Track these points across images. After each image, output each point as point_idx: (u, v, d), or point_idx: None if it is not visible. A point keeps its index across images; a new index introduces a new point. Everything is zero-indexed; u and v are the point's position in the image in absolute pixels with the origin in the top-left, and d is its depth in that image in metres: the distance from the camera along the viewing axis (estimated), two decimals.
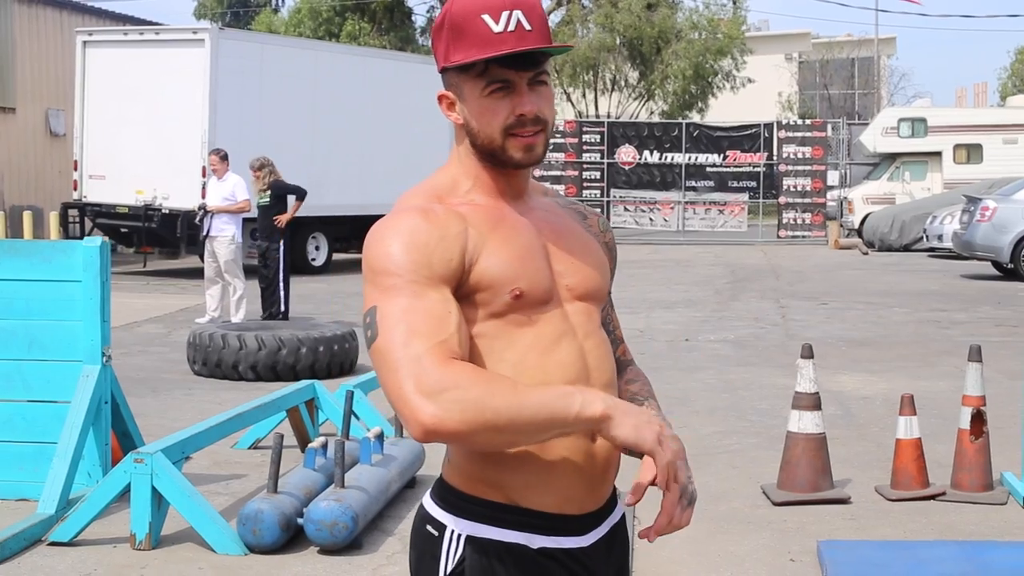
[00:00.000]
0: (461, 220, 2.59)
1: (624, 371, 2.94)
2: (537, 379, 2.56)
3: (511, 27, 2.56)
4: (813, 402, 8.15)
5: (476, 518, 2.60)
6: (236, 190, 16.91)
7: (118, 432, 8.39)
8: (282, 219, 16.47)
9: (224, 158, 17.20)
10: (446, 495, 2.66)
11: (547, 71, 2.65)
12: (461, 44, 2.58)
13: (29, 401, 8.17)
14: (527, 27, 2.57)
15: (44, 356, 8.13)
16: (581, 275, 2.72)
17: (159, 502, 7.08)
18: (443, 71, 2.66)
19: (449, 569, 2.60)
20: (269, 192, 16.49)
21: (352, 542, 6.94)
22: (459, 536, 2.61)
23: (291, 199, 16.68)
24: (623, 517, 2.84)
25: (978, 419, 8.13)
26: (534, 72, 2.61)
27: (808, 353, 8.24)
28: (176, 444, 7.39)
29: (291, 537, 7.07)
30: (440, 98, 2.69)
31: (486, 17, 2.56)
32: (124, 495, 7.18)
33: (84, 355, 8.02)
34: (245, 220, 17.39)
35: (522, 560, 2.59)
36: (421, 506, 2.72)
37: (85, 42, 25.23)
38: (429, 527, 2.66)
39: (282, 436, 7.34)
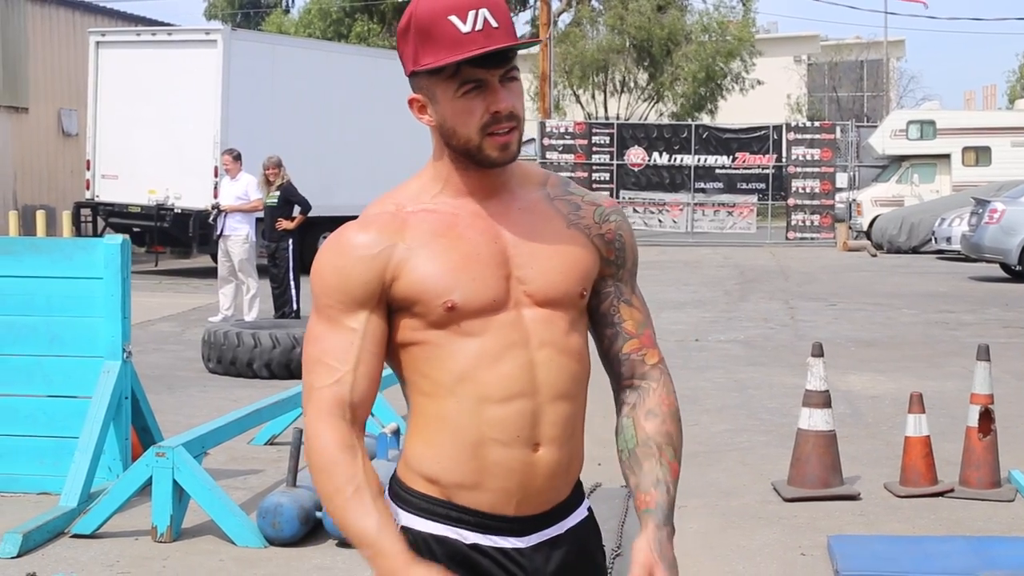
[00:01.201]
0: (394, 234, 2.63)
1: (643, 381, 2.83)
2: (478, 393, 2.61)
3: (479, 26, 2.55)
4: (823, 400, 8.26)
5: (412, 510, 2.67)
6: (249, 189, 17.03)
7: (137, 427, 8.51)
8: (284, 224, 16.55)
9: (237, 158, 17.31)
10: (394, 485, 2.74)
11: (517, 67, 2.65)
12: (430, 47, 2.58)
13: (50, 396, 8.30)
14: (494, 24, 2.57)
15: (65, 352, 8.26)
16: (543, 280, 2.67)
17: (180, 495, 7.20)
18: (412, 75, 2.65)
19: None
20: (278, 194, 16.58)
21: None
22: (399, 527, 2.66)
23: (296, 208, 16.74)
24: (586, 520, 2.82)
25: (986, 417, 8.24)
26: (505, 69, 2.61)
27: (818, 352, 8.35)
28: (196, 439, 7.51)
29: (310, 530, 7.19)
30: (411, 102, 2.68)
31: (453, 18, 2.55)
32: (145, 489, 7.30)
33: (105, 351, 8.14)
34: (257, 219, 17.50)
35: (453, 553, 2.65)
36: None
37: (98, 42, 25.38)
38: None
39: (301, 431, 7.45)
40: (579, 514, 2.80)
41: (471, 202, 2.69)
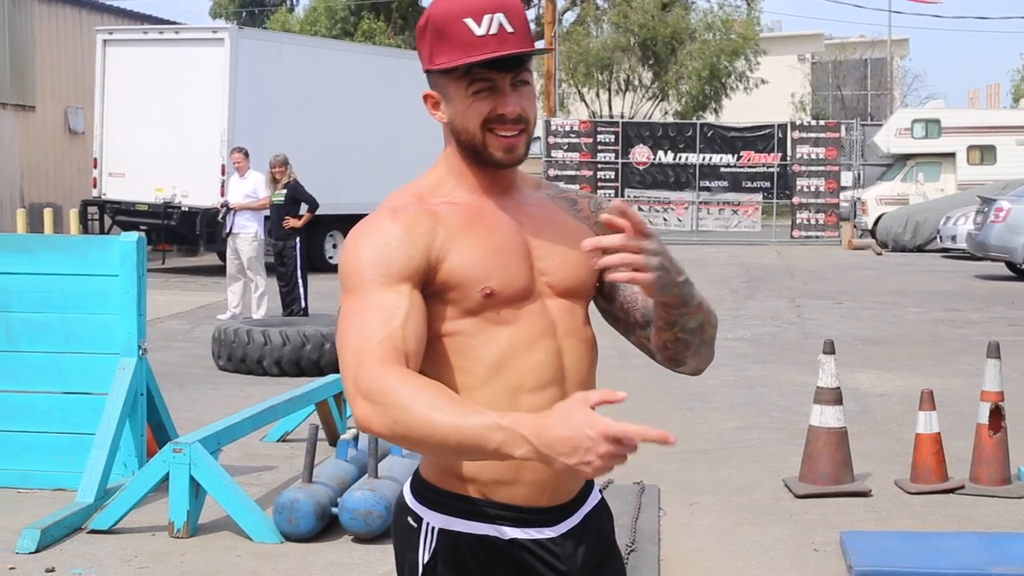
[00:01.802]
0: (431, 219, 2.66)
1: None
2: (513, 383, 2.65)
3: (493, 30, 2.61)
4: (834, 397, 8.31)
5: (448, 511, 2.69)
6: (258, 187, 17.07)
7: (152, 424, 8.56)
8: (291, 222, 16.58)
9: (247, 156, 17.35)
10: (421, 488, 2.74)
11: (529, 71, 2.70)
12: (444, 47, 2.64)
13: (66, 393, 8.35)
14: (509, 29, 2.62)
15: (81, 349, 8.31)
16: (563, 271, 2.75)
17: (196, 491, 7.25)
18: (427, 72, 2.71)
19: (425, 561, 2.70)
20: (284, 192, 16.61)
21: (385, 531, 7.10)
22: (433, 529, 2.70)
23: (303, 206, 16.76)
24: (600, 504, 2.89)
25: (996, 414, 8.28)
26: (516, 73, 2.66)
27: (829, 349, 8.40)
28: (212, 435, 7.57)
29: (326, 526, 7.24)
30: (425, 98, 2.74)
31: (468, 20, 2.61)
32: (161, 485, 7.35)
33: (120, 348, 8.19)
34: (265, 217, 17.54)
35: (493, 551, 2.68)
36: (400, 496, 2.81)
37: (106, 41, 25.41)
38: (409, 519, 2.75)
39: (316, 427, 7.53)
40: (593, 498, 2.86)
41: (488, 197, 2.76)
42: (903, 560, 6.67)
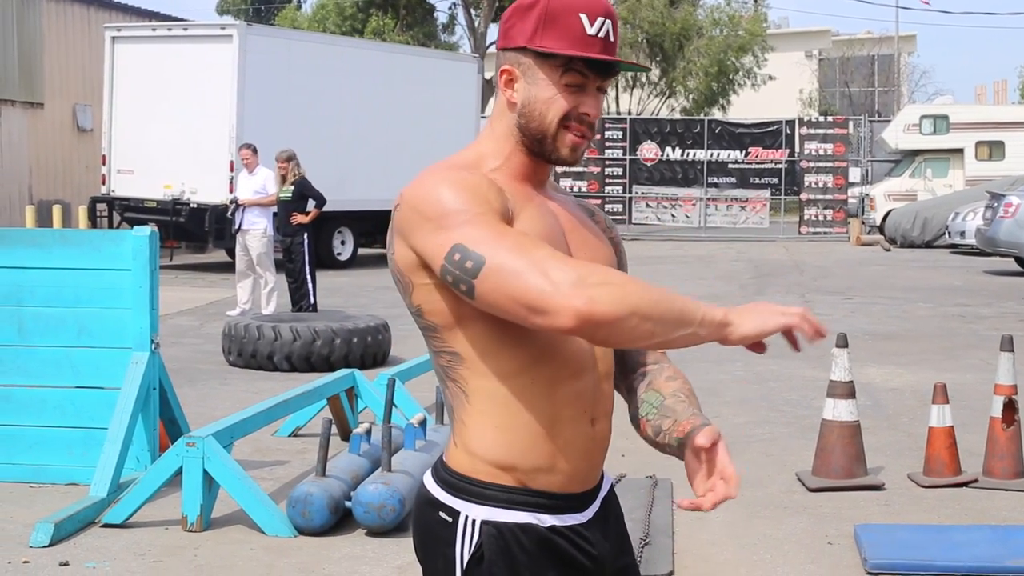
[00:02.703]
0: (496, 184, 2.65)
1: (656, 364, 2.94)
2: (553, 369, 2.65)
3: (602, 33, 2.68)
4: (847, 390, 8.31)
5: (490, 502, 2.66)
6: (267, 183, 17.07)
7: (165, 419, 8.57)
8: (299, 218, 16.57)
9: (255, 152, 17.36)
10: (455, 481, 2.69)
11: (612, 82, 2.79)
12: (552, 32, 2.66)
13: (78, 387, 8.35)
14: (611, 38, 2.70)
15: (93, 343, 8.32)
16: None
17: (210, 485, 7.25)
18: (518, 49, 2.70)
19: (468, 555, 2.65)
20: (292, 188, 16.60)
21: (399, 524, 7.11)
22: (474, 521, 2.66)
23: (311, 202, 16.76)
24: (611, 489, 2.92)
25: (1010, 408, 8.27)
26: (605, 80, 2.72)
27: (843, 342, 8.41)
28: (225, 429, 7.57)
29: (339, 519, 7.24)
30: (502, 72, 2.74)
31: (583, 16, 2.66)
32: (174, 479, 7.36)
33: (133, 342, 8.20)
34: (274, 214, 17.53)
35: (536, 539, 2.67)
36: (425, 493, 2.75)
37: (114, 37, 25.43)
38: (441, 514, 2.70)
39: (330, 421, 7.51)
40: (606, 483, 2.90)
41: (527, 186, 2.76)
42: (918, 553, 6.67)
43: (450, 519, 2.68)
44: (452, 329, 2.64)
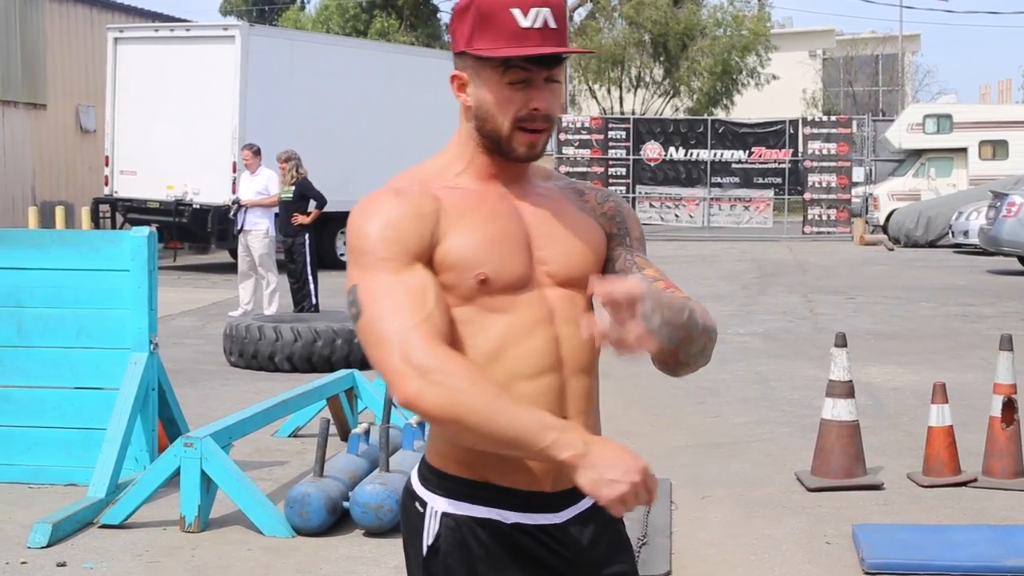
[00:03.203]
0: (434, 201, 2.67)
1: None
2: (509, 370, 2.64)
3: (538, 24, 2.63)
4: (847, 390, 8.29)
5: (451, 495, 2.71)
6: (269, 184, 17.07)
7: (164, 419, 8.57)
8: (300, 219, 16.56)
9: (257, 153, 17.35)
10: (426, 473, 2.76)
11: (562, 70, 2.72)
12: (487, 33, 2.65)
13: (77, 388, 8.36)
14: (552, 26, 2.64)
15: (92, 344, 8.32)
16: (564, 261, 2.75)
17: (208, 485, 7.25)
18: (461, 54, 2.71)
19: (428, 544, 2.72)
20: (293, 188, 16.60)
21: (397, 525, 7.10)
22: (436, 512, 2.72)
23: (312, 203, 16.76)
24: None
25: (1009, 407, 8.26)
26: (551, 71, 2.68)
27: (842, 342, 8.39)
28: (224, 429, 7.57)
29: (337, 520, 7.24)
30: (452, 78, 2.75)
31: (515, 11, 2.62)
32: (172, 479, 7.36)
33: (132, 343, 8.19)
34: (276, 214, 17.54)
35: (495, 534, 2.69)
36: (408, 483, 2.83)
37: (116, 39, 25.45)
38: (416, 504, 2.77)
39: (328, 421, 7.52)
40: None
41: (494, 184, 2.77)
42: (916, 553, 6.65)
43: (422, 509, 2.75)
44: None
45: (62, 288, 8.33)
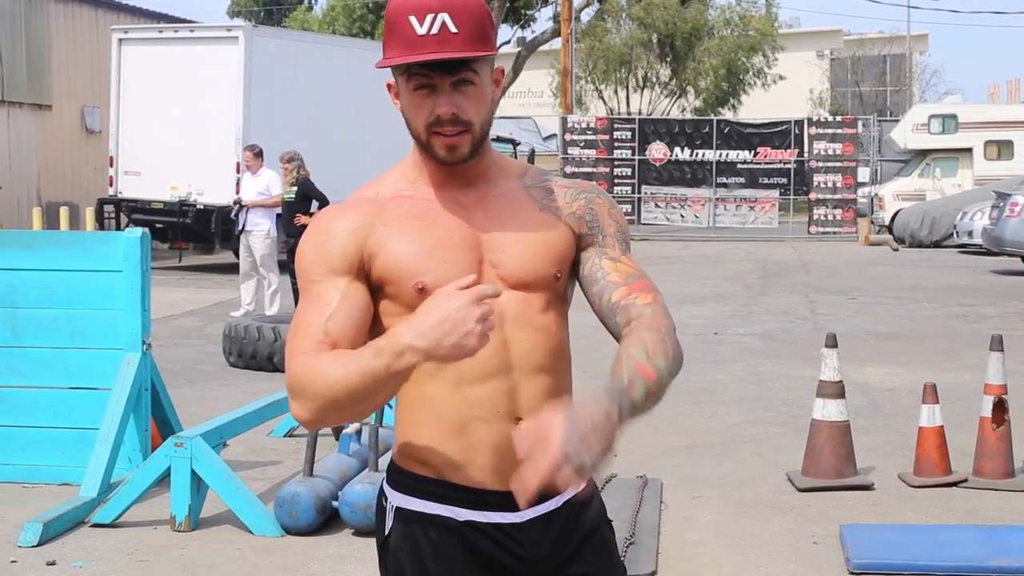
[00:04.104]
0: (373, 214, 2.72)
1: (632, 322, 2.74)
2: (455, 374, 2.67)
3: (434, 30, 2.61)
4: (837, 390, 8.31)
5: (406, 491, 2.77)
6: (271, 185, 17.11)
7: (157, 419, 8.60)
8: (303, 219, 16.58)
9: (259, 154, 17.39)
10: (391, 470, 2.84)
11: (474, 71, 2.67)
12: (391, 42, 2.68)
13: (71, 388, 8.40)
14: (452, 30, 2.62)
15: (86, 344, 8.36)
16: (515, 264, 2.74)
17: (198, 485, 7.29)
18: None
19: (383, 538, 2.81)
20: (296, 189, 16.63)
21: None
22: (392, 507, 2.78)
23: (315, 203, 16.78)
24: (582, 494, 2.82)
25: (1000, 407, 8.27)
26: (457, 75, 2.65)
27: (832, 343, 8.41)
28: (214, 429, 7.61)
29: (326, 519, 7.27)
30: (388, 87, 2.80)
31: (412, 19, 2.63)
32: (164, 479, 7.40)
33: (125, 343, 8.23)
34: (277, 215, 17.57)
35: (445, 531, 2.73)
36: (381, 480, 2.90)
37: (121, 40, 25.51)
38: (382, 499, 2.85)
39: None
40: (574, 488, 2.76)
41: (447, 190, 2.78)
42: (902, 553, 6.67)
43: (384, 504, 2.83)
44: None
45: (56, 289, 8.37)
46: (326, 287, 2.67)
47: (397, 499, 2.78)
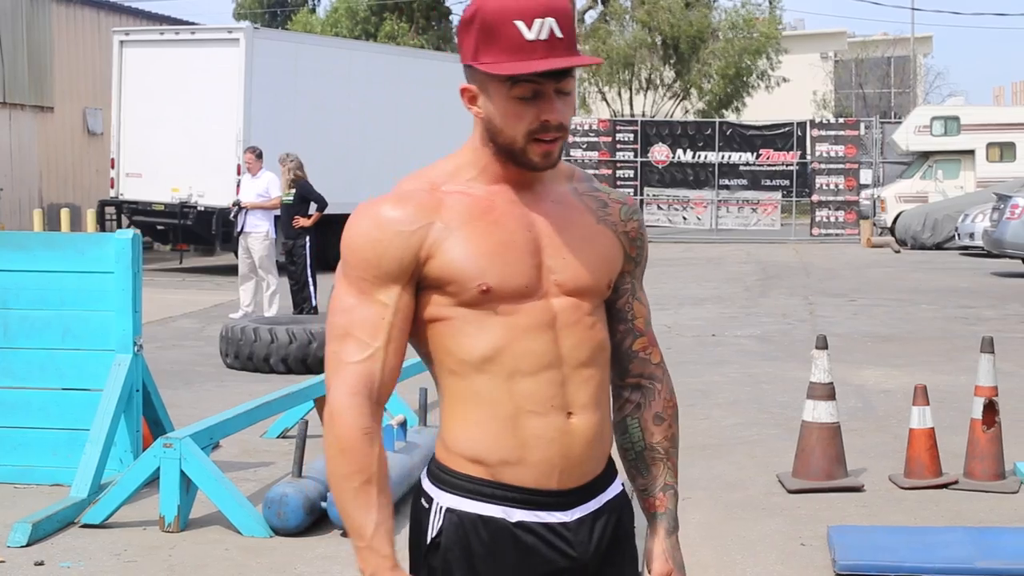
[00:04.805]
0: (432, 211, 2.67)
1: (650, 382, 2.94)
2: (507, 367, 2.67)
3: (543, 35, 2.58)
4: (827, 392, 8.32)
5: (457, 491, 2.72)
6: (270, 187, 17.13)
7: (149, 420, 8.62)
8: (300, 221, 16.61)
9: (259, 156, 17.42)
10: (434, 470, 2.78)
11: (573, 77, 2.67)
12: (492, 47, 2.61)
13: (63, 389, 8.42)
14: (558, 35, 2.59)
15: (77, 345, 8.38)
16: (573, 271, 2.74)
17: (187, 486, 7.30)
18: (468, 66, 2.67)
19: (429, 539, 2.73)
20: (294, 191, 16.66)
21: None
22: (441, 508, 2.73)
23: (313, 205, 16.80)
24: (621, 494, 2.88)
25: (990, 409, 8.27)
26: (561, 81, 2.63)
27: (822, 344, 8.42)
28: (204, 430, 7.62)
29: (315, 520, 7.28)
30: (463, 91, 2.72)
31: (519, 23, 2.57)
32: (154, 480, 7.41)
33: (116, 344, 8.24)
34: (276, 217, 17.59)
35: (498, 532, 2.70)
36: (418, 481, 2.86)
37: (122, 42, 25.58)
38: (422, 500, 2.79)
39: (307, 422, 7.56)
40: (614, 488, 2.86)
41: (506, 190, 2.75)
42: (888, 555, 6.67)
43: (427, 505, 2.77)
44: (421, 328, 2.73)
45: (47, 290, 8.38)
46: (379, 296, 2.66)
47: (446, 500, 2.73)
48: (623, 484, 2.91)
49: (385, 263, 2.63)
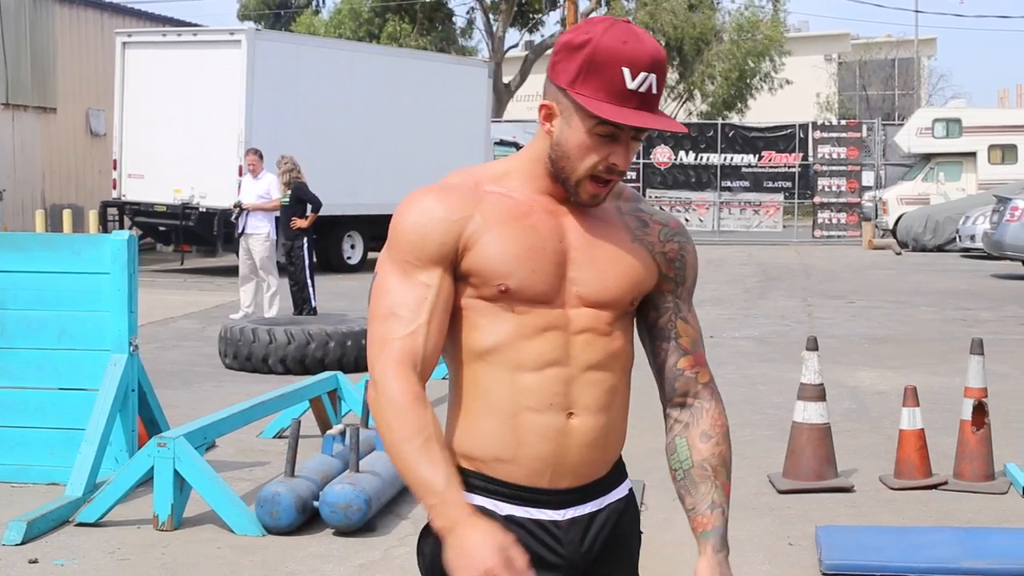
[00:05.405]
0: (473, 204, 2.72)
1: (697, 401, 2.94)
2: (512, 361, 2.72)
3: (643, 88, 2.63)
4: (818, 393, 8.37)
5: None
6: (271, 188, 17.18)
7: (145, 419, 8.67)
8: (298, 223, 16.67)
9: (261, 158, 17.48)
10: None
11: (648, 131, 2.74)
12: (592, 81, 2.65)
13: (59, 389, 8.47)
14: (654, 91, 2.66)
15: (74, 345, 8.43)
16: (595, 285, 2.77)
17: (181, 485, 7.36)
18: (559, 87, 2.71)
19: (426, 527, 2.78)
20: (290, 193, 16.73)
21: (366, 524, 7.21)
22: None
23: (309, 207, 16.85)
24: (625, 499, 2.91)
25: (980, 410, 8.32)
26: (639, 133, 2.71)
27: (812, 345, 8.49)
28: (198, 430, 7.68)
29: (307, 519, 7.34)
30: (541, 107, 2.75)
31: (626, 70, 2.62)
32: (149, 479, 7.47)
33: (112, 344, 8.30)
34: (276, 218, 17.64)
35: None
36: None
37: (124, 43, 25.63)
38: None
39: (299, 422, 7.62)
40: (619, 492, 2.89)
41: (548, 200, 2.79)
42: (875, 555, 6.73)
43: None
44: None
45: (44, 290, 8.44)
46: (422, 276, 2.71)
47: None
48: (630, 490, 2.94)
49: (428, 245, 2.69)
